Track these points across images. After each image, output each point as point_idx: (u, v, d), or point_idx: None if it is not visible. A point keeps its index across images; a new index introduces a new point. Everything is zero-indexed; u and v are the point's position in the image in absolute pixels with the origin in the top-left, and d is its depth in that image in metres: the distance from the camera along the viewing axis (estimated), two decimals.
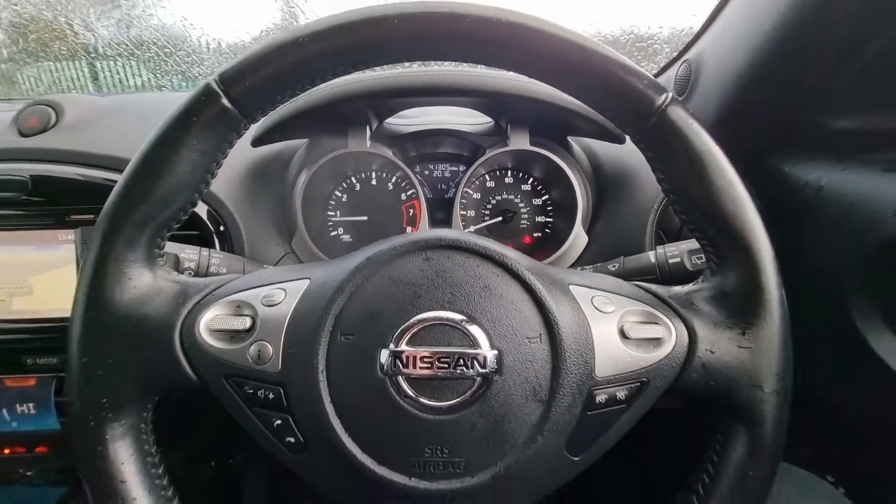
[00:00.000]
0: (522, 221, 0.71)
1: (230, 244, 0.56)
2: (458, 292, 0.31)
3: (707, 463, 0.33)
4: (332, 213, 0.69)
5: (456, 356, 0.30)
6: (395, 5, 0.32)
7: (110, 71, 1.07)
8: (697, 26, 0.70)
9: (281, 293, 0.33)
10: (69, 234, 0.52)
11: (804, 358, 0.55)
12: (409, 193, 0.69)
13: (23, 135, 0.55)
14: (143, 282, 0.33)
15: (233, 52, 1.05)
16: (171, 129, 0.32)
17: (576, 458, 0.32)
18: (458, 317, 0.31)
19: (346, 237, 0.70)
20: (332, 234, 0.70)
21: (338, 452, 0.30)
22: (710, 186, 0.32)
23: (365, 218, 0.70)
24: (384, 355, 0.30)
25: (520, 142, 0.64)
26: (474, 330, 0.30)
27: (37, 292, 0.52)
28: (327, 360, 0.30)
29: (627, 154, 0.65)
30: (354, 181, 0.68)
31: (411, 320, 0.30)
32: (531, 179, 0.71)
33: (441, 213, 0.70)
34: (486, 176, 0.70)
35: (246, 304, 0.33)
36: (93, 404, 0.30)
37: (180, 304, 0.33)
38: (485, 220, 0.70)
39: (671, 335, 0.33)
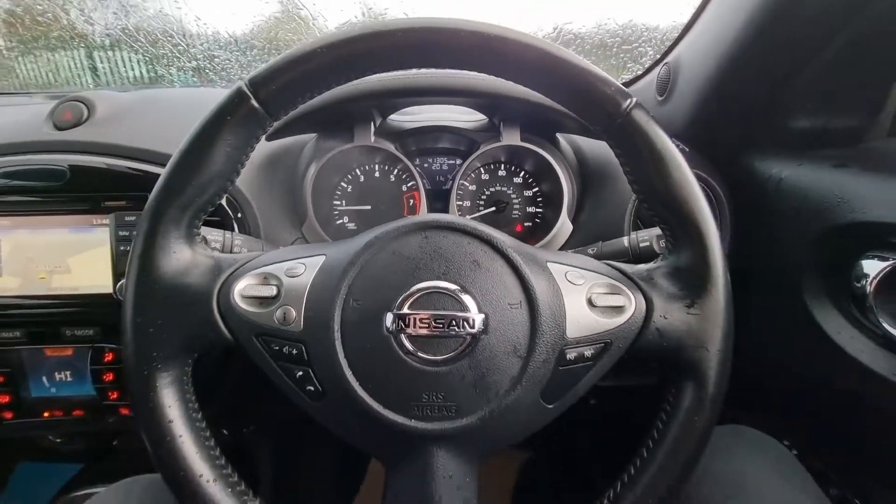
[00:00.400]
0: (514, 211, 0.77)
1: (248, 228, 0.62)
2: (451, 266, 0.37)
3: (661, 412, 0.39)
4: (338, 203, 0.75)
5: (449, 318, 0.35)
6: (400, 20, 0.37)
7: (108, 61, 1.10)
8: (678, 30, 0.76)
9: (301, 266, 0.39)
10: (103, 219, 0.58)
11: (760, 331, 0.62)
12: (409, 185, 0.75)
13: (58, 128, 0.61)
14: (184, 256, 0.38)
15: (229, 44, 1.08)
16: (208, 125, 0.38)
17: (550, 406, 0.38)
18: (451, 286, 0.36)
19: (351, 225, 0.76)
20: (338, 222, 0.75)
21: (350, 399, 0.36)
22: (667, 178, 0.38)
23: (368, 207, 0.75)
24: (389, 318, 0.36)
25: (511, 137, 0.70)
26: (465, 297, 0.36)
27: (74, 271, 0.58)
28: (341, 321, 0.36)
29: (610, 150, 0.70)
30: (359, 173, 0.74)
31: (412, 289, 0.36)
32: (522, 173, 0.76)
33: (439, 203, 0.76)
34: (481, 169, 0.75)
35: (272, 275, 0.39)
36: (145, 358, 0.36)
37: (216, 276, 0.38)
38: (479, 210, 0.76)
39: (632, 304, 0.39)
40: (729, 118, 0.64)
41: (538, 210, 0.77)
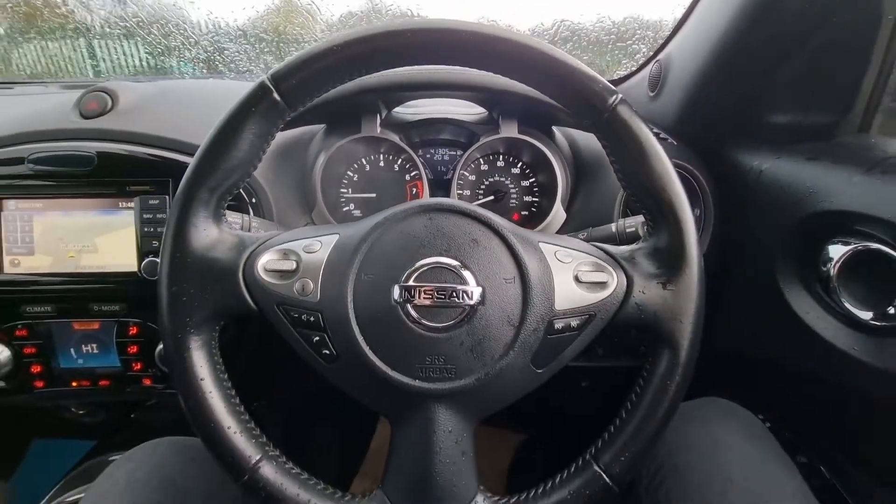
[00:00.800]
0: (512, 200, 0.81)
1: (262, 213, 0.66)
2: (452, 244, 0.41)
3: (639, 378, 0.43)
4: (345, 191, 0.79)
5: (450, 290, 0.40)
6: (409, 21, 0.41)
7: (108, 50, 1.13)
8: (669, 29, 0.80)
9: (318, 244, 0.43)
10: (129, 202, 0.62)
11: (740, 312, 0.66)
12: (412, 174, 0.79)
13: (84, 117, 0.65)
14: (212, 233, 0.43)
15: (238, 37, 1.11)
16: (234, 116, 0.42)
17: (539, 371, 0.42)
18: (452, 262, 0.41)
19: (357, 212, 0.80)
20: (345, 208, 0.79)
21: (361, 361, 0.40)
22: (649, 169, 0.42)
23: (374, 195, 0.80)
24: (396, 289, 0.40)
25: (509, 130, 0.74)
26: (464, 272, 0.41)
27: (101, 250, 0.62)
28: (354, 292, 0.41)
29: None
30: (365, 163, 0.78)
31: (417, 264, 0.40)
32: (520, 164, 0.80)
33: (441, 191, 0.80)
34: (481, 160, 0.80)
35: (291, 251, 0.43)
36: (179, 323, 0.41)
37: (241, 251, 0.43)
38: (479, 199, 0.80)
39: (614, 280, 0.43)
40: (714, 113, 0.68)
41: (534, 199, 0.81)
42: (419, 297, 0.40)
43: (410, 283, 0.40)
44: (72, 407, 0.79)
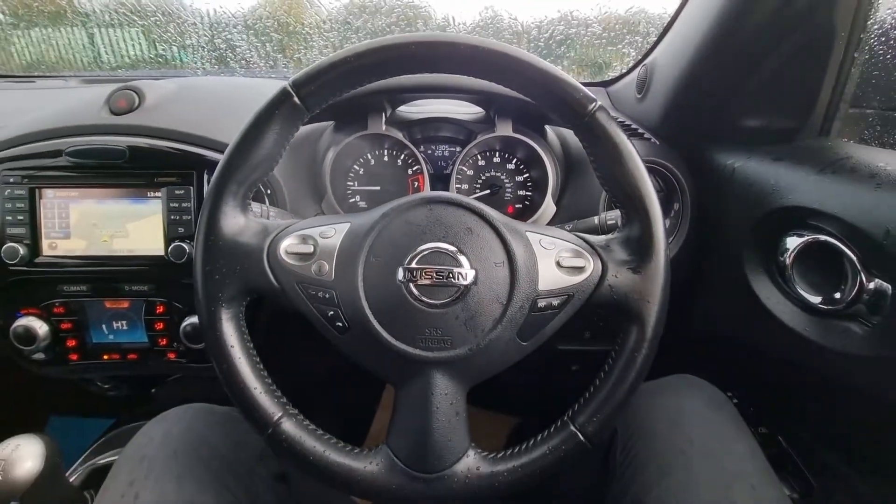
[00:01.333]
0: (507, 194, 0.87)
1: (277, 203, 0.72)
2: (449, 231, 0.47)
3: (612, 351, 0.50)
4: (351, 183, 0.85)
5: (447, 272, 0.46)
6: (415, 35, 0.47)
7: (109, 39, 1.16)
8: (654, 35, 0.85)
9: (332, 230, 0.50)
10: (157, 192, 0.68)
11: (712, 298, 0.72)
12: (414, 169, 0.85)
13: (114, 113, 0.71)
14: (240, 221, 0.49)
15: (226, 21, 1.14)
16: (259, 118, 0.48)
17: (524, 343, 0.48)
18: (449, 247, 0.47)
19: (363, 203, 0.86)
20: (351, 200, 0.86)
21: (369, 332, 0.46)
22: (623, 168, 0.48)
23: (378, 188, 0.86)
24: (401, 271, 0.46)
25: (504, 129, 0.80)
26: (460, 256, 0.47)
27: (131, 235, 0.68)
28: (364, 273, 0.47)
29: None
30: (370, 158, 0.84)
31: (419, 248, 0.47)
32: (514, 160, 0.86)
33: (440, 185, 0.86)
34: (478, 156, 0.85)
35: (309, 237, 0.49)
36: (212, 297, 0.47)
37: (265, 236, 0.49)
38: (476, 192, 0.86)
39: (590, 265, 0.49)
40: (693, 116, 0.74)
41: (527, 193, 0.87)
42: (420, 278, 0.46)
43: (413, 265, 0.46)
44: (97, 381, 0.86)
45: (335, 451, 0.47)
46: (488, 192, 0.86)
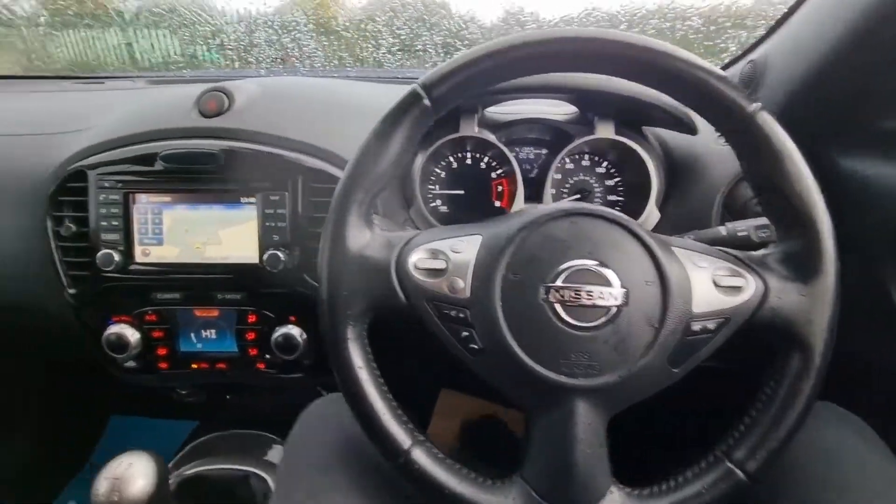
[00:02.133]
0: (596, 200, 0.82)
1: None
2: (595, 247, 0.43)
3: (769, 379, 0.45)
4: (433, 187, 0.81)
5: (596, 292, 0.42)
6: (558, 30, 0.43)
7: (144, 40, 1.17)
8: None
9: (462, 244, 0.46)
10: (251, 198, 0.65)
11: (846, 317, 0.66)
12: (499, 172, 0.81)
13: (204, 116, 0.69)
14: (365, 233, 0.46)
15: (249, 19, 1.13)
16: (387, 123, 0.45)
17: (675, 370, 0.44)
18: (596, 264, 0.43)
19: (444, 208, 0.82)
20: (432, 204, 0.82)
21: (508, 356, 0.43)
22: (787, 175, 0.43)
23: (461, 192, 0.82)
24: (544, 290, 0.42)
25: (605, 131, 0.75)
26: (609, 274, 0.43)
27: (224, 242, 0.66)
28: (501, 291, 0.43)
29: (698, 143, 0.75)
30: (453, 160, 0.80)
31: (563, 265, 0.43)
32: (605, 163, 0.81)
33: (527, 189, 0.82)
34: (566, 159, 0.81)
35: (439, 251, 0.46)
36: (340, 315, 0.44)
37: (390, 250, 0.46)
38: (563, 197, 0.82)
39: (750, 285, 0.44)
40: (821, 117, 0.67)
41: (619, 199, 0.82)
42: (566, 297, 0.42)
43: (558, 283, 0.42)
44: (178, 388, 0.85)
45: (469, 484, 0.44)
46: (577, 196, 0.82)
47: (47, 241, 0.68)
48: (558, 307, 0.42)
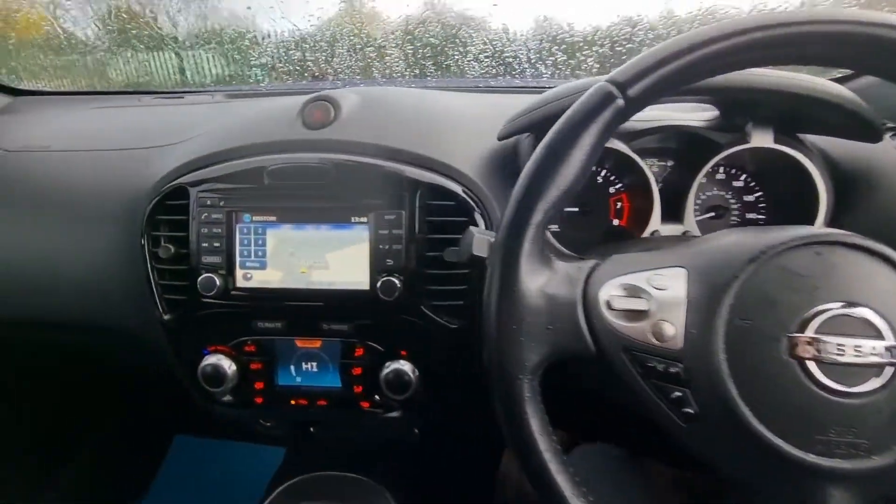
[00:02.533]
0: (733, 218, 0.71)
1: (489, 224, 0.61)
2: (856, 287, 0.33)
3: None
4: None
5: (866, 346, 0.32)
6: (789, 13, 0.34)
7: (195, 61, 1.18)
8: None
9: (663, 277, 0.37)
10: (362, 217, 0.58)
11: None
12: (618, 186, 0.71)
13: (308, 127, 0.62)
14: (540, 266, 0.37)
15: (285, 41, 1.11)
16: (571, 127, 0.37)
17: None
18: (862, 309, 0.33)
19: (554, 226, 0.73)
20: None
21: (736, 425, 0.33)
22: None
23: (576, 209, 0.73)
24: (788, 340, 0.33)
25: (763, 139, 0.64)
26: (878, 322, 0.32)
27: (332, 267, 0.59)
28: (726, 340, 0.34)
29: (877, 151, 0.63)
30: None
31: (814, 309, 0.33)
32: (744, 175, 0.71)
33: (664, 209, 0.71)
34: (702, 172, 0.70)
35: (637, 287, 0.37)
36: (516, 366, 0.35)
37: (573, 285, 0.37)
38: (696, 216, 0.71)
39: None
40: None
41: (760, 217, 0.71)
42: (823, 353, 0.32)
43: (809, 333, 0.32)
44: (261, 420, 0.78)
45: None
46: (711, 214, 0.71)
47: (141, 261, 0.63)
48: (811, 365, 0.32)
